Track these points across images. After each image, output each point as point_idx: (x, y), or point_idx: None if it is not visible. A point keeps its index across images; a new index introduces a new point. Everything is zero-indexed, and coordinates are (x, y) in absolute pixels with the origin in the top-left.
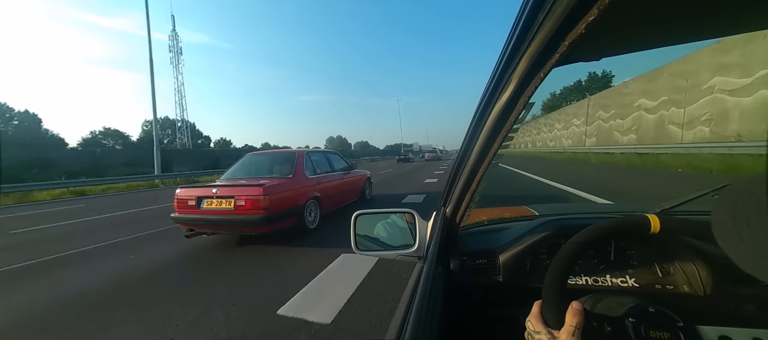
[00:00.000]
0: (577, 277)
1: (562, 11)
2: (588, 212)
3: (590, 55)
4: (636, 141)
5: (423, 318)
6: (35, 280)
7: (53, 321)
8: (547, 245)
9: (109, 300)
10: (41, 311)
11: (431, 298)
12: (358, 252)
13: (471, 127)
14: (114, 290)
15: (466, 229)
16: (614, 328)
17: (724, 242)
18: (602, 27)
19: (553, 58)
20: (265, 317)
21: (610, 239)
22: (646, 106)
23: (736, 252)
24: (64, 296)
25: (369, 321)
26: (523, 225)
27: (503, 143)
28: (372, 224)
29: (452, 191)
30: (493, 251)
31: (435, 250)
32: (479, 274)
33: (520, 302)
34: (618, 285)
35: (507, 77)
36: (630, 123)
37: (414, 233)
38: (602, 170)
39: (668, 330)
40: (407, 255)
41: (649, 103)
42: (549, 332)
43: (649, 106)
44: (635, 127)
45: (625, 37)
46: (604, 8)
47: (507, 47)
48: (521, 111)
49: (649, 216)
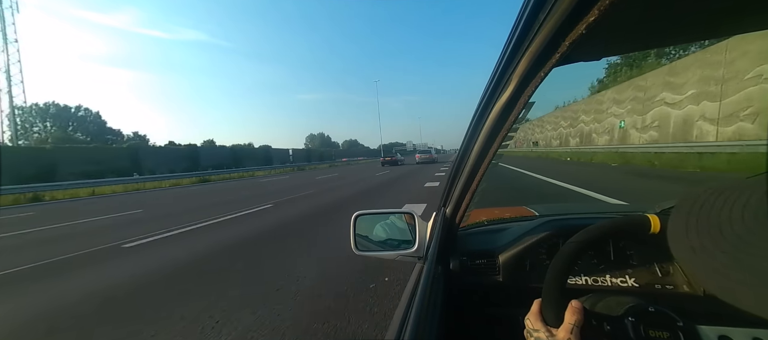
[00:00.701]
0: (576, 277)
1: (562, 11)
2: (588, 212)
3: (591, 55)
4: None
5: (423, 318)
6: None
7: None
8: (547, 245)
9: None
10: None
11: (431, 298)
12: (357, 253)
13: (471, 127)
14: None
15: (466, 229)
16: (614, 327)
17: (681, 258)
18: (603, 27)
19: (553, 57)
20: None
21: (610, 238)
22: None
23: (693, 268)
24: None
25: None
26: (523, 225)
27: (503, 143)
28: (371, 224)
29: (452, 191)
30: (493, 251)
31: (435, 250)
32: (479, 274)
33: (520, 302)
34: (617, 285)
35: (507, 77)
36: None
37: (414, 234)
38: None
39: (668, 330)
40: (407, 255)
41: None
42: (548, 330)
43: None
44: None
45: (626, 37)
46: (605, 8)
47: (507, 47)
48: (521, 110)
49: (649, 216)
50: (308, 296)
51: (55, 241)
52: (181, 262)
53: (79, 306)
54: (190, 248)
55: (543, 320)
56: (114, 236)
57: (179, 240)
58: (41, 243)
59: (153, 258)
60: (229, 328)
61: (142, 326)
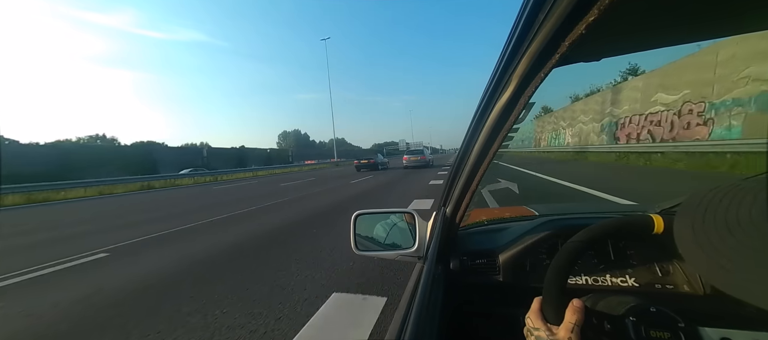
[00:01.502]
0: (577, 276)
1: (562, 11)
2: (588, 212)
3: (590, 56)
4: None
5: (423, 318)
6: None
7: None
8: (547, 244)
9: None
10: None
11: (431, 298)
12: (357, 253)
13: (471, 127)
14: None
15: (466, 229)
16: (614, 326)
17: (688, 255)
18: (603, 27)
19: (553, 58)
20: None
21: (613, 238)
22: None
23: (700, 265)
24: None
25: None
26: (523, 225)
27: (503, 143)
28: (372, 224)
29: (452, 190)
30: (493, 250)
31: (435, 250)
32: (479, 274)
33: (520, 301)
34: (618, 285)
35: (507, 77)
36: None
37: (414, 233)
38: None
39: (669, 330)
40: (407, 255)
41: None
42: (548, 328)
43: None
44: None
45: (626, 37)
46: (605, 8)
47: (507, 47)
48: (521, 111)
49: (652, 216)
50: None
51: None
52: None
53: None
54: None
55: (543, 318)
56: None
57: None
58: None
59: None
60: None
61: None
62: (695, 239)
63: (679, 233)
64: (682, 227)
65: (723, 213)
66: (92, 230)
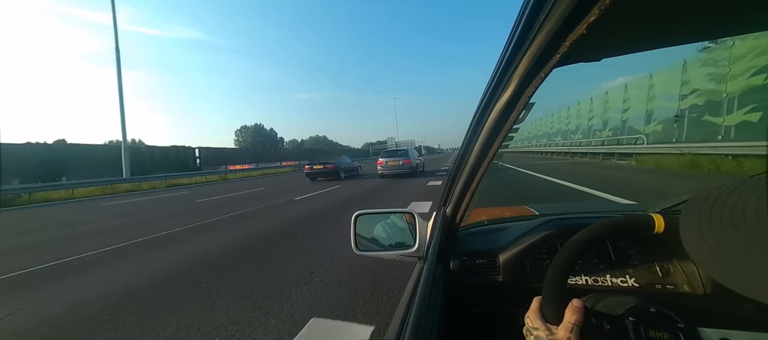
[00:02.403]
0: (577, 276)
1: (562, 11)
2: (588, 212)
3: (591, 56)
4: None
5: (423, 318)
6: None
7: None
8: (547, 244)
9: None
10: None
11: (431, 298)
12: (357, 252)
13: (471, 127)
14: None
15: (466, 229)
16: (614, 326)
17: (692, 251)
18: (603, 27)
19: (554, 58)
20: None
21: (613, 237)
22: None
23: (705, 260)
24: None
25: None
26: (523, 225)
27: (503, 143)
28: (372, 224)
29: (452, 190)
30: (493, 250)
31: (435, 250)
32: (479, 274)
33: (520, 301)
34: (618, 285)
35: (508, 77)
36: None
37: (414, 233)
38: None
39: (668, 331)
40: (407, 255)
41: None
42: (548, 328)
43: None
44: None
45: (626, 37)
46: (605, 9)
47: (508, 47)
48: (521, 111)
49: (653, 216)
50: None
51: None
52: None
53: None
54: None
55: (543, 318)
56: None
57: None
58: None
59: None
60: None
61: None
62: (700, 234)
63: (685, 228)
64: (687, 223)
65: (729, 210)
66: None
